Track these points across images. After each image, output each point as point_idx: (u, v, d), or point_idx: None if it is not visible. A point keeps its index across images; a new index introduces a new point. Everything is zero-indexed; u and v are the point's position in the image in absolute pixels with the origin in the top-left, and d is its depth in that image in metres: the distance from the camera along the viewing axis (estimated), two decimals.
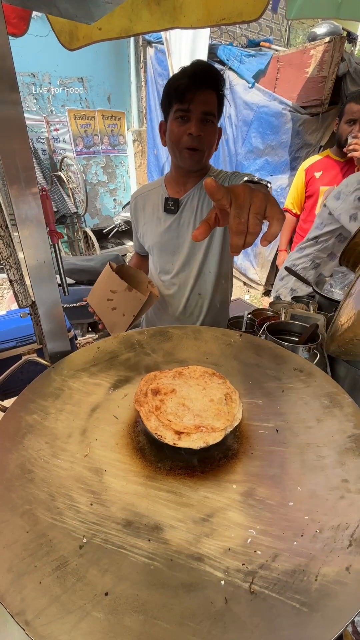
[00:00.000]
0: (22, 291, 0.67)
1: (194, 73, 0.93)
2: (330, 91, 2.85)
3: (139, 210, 1.22)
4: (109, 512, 0.47)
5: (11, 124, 0.58)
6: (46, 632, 0.32)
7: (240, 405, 0.62)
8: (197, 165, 1.04)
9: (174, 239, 1.14)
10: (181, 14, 1.13)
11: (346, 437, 0.55)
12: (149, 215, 1.18)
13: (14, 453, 0.54)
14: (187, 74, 0.93)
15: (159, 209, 1.15)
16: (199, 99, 0.93)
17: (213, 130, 1.00)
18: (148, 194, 1.19)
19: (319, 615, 0.33)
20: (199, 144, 0.97)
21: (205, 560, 0.40)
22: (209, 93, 0.95)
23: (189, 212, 1.11)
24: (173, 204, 1.10)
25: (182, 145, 0.98)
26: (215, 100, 0.97)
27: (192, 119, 0.95)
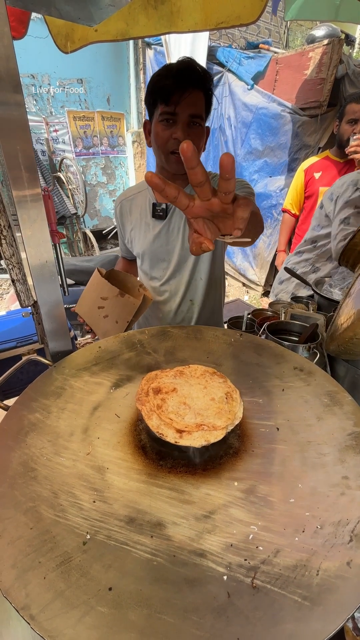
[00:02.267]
0: (25, 291, 0.67)
1: (180, 73, 0.87)
2: (328, 93, 2.87)
3: (124, 214, 1.17)
4: (111, 509, 0.47)
5: (15, 125, 0.59)
6: (51, 626, 0.33)
7: (241, 403, 0.62)
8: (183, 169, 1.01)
9: (164, 245, 1.11)
10: (178, 18, 1.13)
11: (346, 435, 0.56)
12: (136, 220, 1.14)
13: (17, 451, 0.54)
14: (173, 73, 0.87)
15: (147, 215, 1.10)
16: (185, 102, 0.88)
17: (200, 133, 0.95)
18: (133, 197, 1.14)
19: (320, 608, 0.34)
20: None
21: (207, 556, 0.41)
22: (196, 94, 0.89)
23: (178, 217, 1.07)
24: (162, 210, 1.06)
25: (168, 149, 0.94)
26: (203, 101, 0.93)
27: (179, 122, 0.90)
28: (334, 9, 2.58)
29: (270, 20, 5.40)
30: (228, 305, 2.24)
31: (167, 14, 1.14)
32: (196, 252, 0.51)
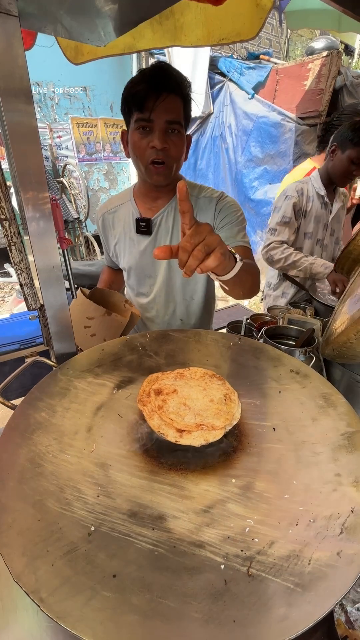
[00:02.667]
0: (32, 294, 0.70)
1: (153, 77, 0.81)
2: (327, 103, 2.94)
3: (107, 228, 1.11)
4: (114, 503, 0.49)
5: (26, 135, 0.62)
6: (59, 608, 0.35)
7: (239, 405, 0.65)
8: (164, 180, 0.93)
9: (151, 262, 1.06)
10: (182, 33, 1.18)
11: (339, 435, 0.58)
12: (120, 234, 1.08)
13: (24, 448, 0.57)
14: (146, 78, 0.81)
15: (131, 229, 1.04)
16: (161, 107, 0.81)
17: (180, 140, 0.88)
18: (116, 210, 1.08)
19: (311, 594, 0.36)
20: (165, 157, 0.87)
21: (206, 547, 0.43)
22: (172, 99, 0.83)
23: (164, 233, 1.02)
24: (145, 226, 1.00)
25: (146, 159, 0.88)
26: (181, 106, 0.86)
27: (155, 130, 0.84)
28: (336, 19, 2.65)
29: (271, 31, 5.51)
30: (227, 310, 2.27)
31: (171, 29, 1.18)
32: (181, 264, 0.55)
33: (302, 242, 1.63)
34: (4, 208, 0.60)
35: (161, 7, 0.56)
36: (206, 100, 3.70)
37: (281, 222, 1.52)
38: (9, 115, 0.57)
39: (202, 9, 1.06)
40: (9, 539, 0.42)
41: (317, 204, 1.57)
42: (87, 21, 0.61)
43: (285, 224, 1.51)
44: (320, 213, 1.59)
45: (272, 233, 1.54)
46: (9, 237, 0.63)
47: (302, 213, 1.55)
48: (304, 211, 1.55)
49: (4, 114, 0.56)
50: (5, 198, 0.60)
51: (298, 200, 1.52)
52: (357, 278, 0.88)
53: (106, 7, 0.55)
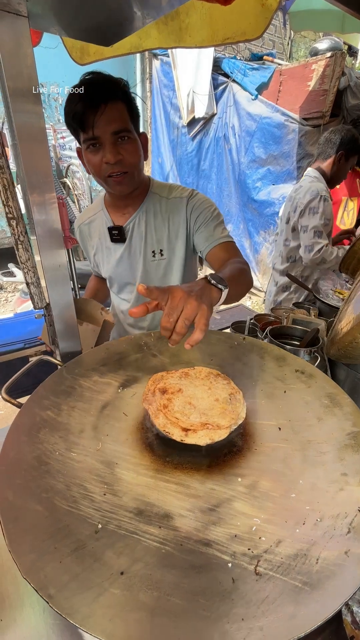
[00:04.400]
0: (38, 293, 0.71)
1: (86, 93, 0.79)
2: (331, 104, 2.93)
3: (85, 239, 1.13)
4: (121, 501, 0.49)
5: (34, 135, 0.62)
6: (68, 604, 0.35)
7: (244, 404, 0.65)
8: (127, 188, 0.92)
9: (128, 269, 1.05)
10: (187, 34, 1.18)
11: (345, 435, 0.58)
12: (97, 244, 1.09)
13: (30, 446, 0.57)
14: (81, 96, 0.79)
15: (106, 239, 1.04)
16: (102, 121, 0.79)
17: (132, 145, 0.86)
18: (90, 221, 1.09)
19: (319, 593, 0.36)
20: (121, 167, 0.86)
21: (213, 546, 0.43)
22: (112, 107, 0.80)
23: (137, 239, 1.01)
24: (118, 233, 1.00)
25: (103, 174, 0.87)
26: (123, 110, 0.83)
27: (105, 144, 0.82)
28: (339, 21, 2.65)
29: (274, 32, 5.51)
30: (231, 311, 2.27)
31: (176, 30, 1.19)
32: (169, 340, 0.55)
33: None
34: (11, 207, 0.61)
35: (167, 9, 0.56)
36: (209, 101, 3.70)
37: (324, 224, 1.52)
38: (17, 115, 0.58)
39: (208, 9, 1.07)
40: (17, 536, 0.42)
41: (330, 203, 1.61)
42: (93, 21, 0.61)
43: (327, 226, 1.54)
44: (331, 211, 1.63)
45: (318, 235, 1.52)
46: (16, 236, 0.63)
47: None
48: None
49: (13, 114, 0.56)
50: (12, 197, 0.60)
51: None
52: None
53: (112, 7, 0.55)
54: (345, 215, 2.08)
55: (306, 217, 1.55)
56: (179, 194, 0.98)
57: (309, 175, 1.61)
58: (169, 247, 1.00)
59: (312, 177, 1.60)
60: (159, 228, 0.98)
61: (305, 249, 1.57)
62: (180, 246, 0.99)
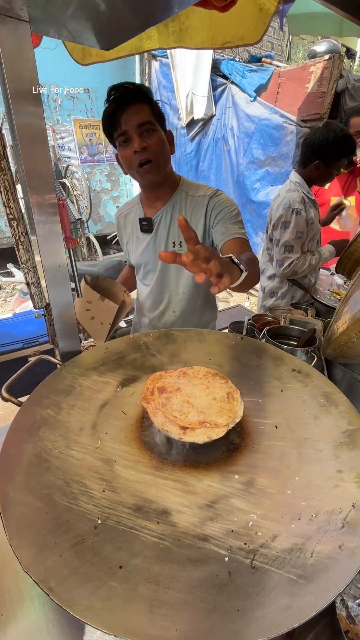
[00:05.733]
0: (38, 293, 0.71)
1: (116, 97, 0.94)
2: (329, 106, 2.95)
3: (121, 229, 1.25)
4: (120, 498, 0.50)
5: (35, 136, 0.63)
6: (68, 596, 0.36)
7: (242, 403, 0.66)
8: (155, 176, 1.03)
9: (151, 257, 1.16)
10: (187, 35, 1.19)
11: (341, 433, 0.59)
12: (130, 234, 1.21)
13: (30, 444, 0.57)
14: (110, 102, 0.95)
15: (137, 229, 1.17)
16: (128, 116, 0.93)
17: (157, 136, 0.97)
18: (127, 213, 1.22)
19: (314, 585, 0.37)
20: (148, 155, 0.96)
21: (210, 540, 0.44)
22: (136, 106, 0.94)
23: (162, 230, 1.12)
24: (147, 224, 1.12)
25: (134, 165, 0.98)
26: (147, 109, 0.96)
27: (132, 136, 0.95)
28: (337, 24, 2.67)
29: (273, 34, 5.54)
30: (229, 311, 2.28)
31: (176, 31, 1.20)
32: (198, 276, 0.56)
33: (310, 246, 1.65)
34: (12, 208, 0.62)
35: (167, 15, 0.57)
36: (208, 102, 3.71)
37: (296, 237, 1.52)
38: (18, 117, 0.58)
39: (207, 13, 1.08)
40: (18, 531, 0.43)
41: (312, 207, 1.60)
42: (93, 26, 0.62)
43: (299, 239, 1.53)
44: (315, 214, 1.62)
45: (289, 250, 1.53)
46: (16, 237, 0.64)
47: (308, 222, 1.57)
48: (308, 220, 1.56)
49: (14, 115, 0.57)
50: (13, 198, 0.61)
51: (306, 213, 1.54)
52: (359, 279, 0.89)
53: (112, 12, 0.56)
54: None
55: (278, 230, 1.56)
56: (203, 193, 1.07)
57: (291, 180, 1.60)
58: None
59: (292, 183, 1.59)
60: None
61: (277, 263, 1.59)
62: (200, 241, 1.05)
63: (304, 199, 1.54)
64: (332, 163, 1.47)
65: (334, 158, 1.45)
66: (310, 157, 1.50)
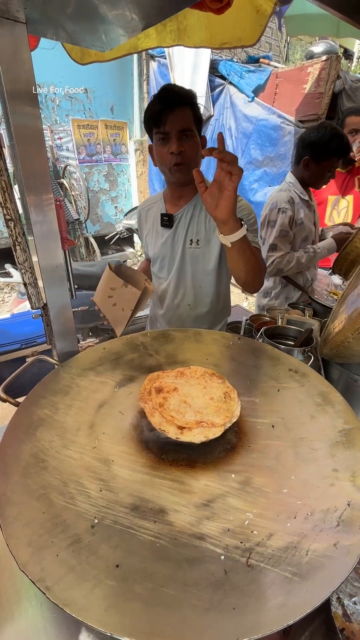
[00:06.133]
0: (35, 294, 0.71)
1: (164, 97, 1.01)
2: (326, 107, 2.96)
3: (142, 222, 1.32)
4: (117, 497, 0.50)
5: (32, 137, 0.63)
6: (65, 595, 0.36)
7: (239, 403, 0.66)
8: (185, 177, 1.10)
9: (169, 251, 1.22)
10: (185, 34, 1.20)
11: (337, 432, 0.60)
12: (150, 227, 1.27)
13: (27, 444, 0.58)
14: (159, 100, 1.01)
15: (158, 223, 1.23)
16: (173, 119, 1.00)
17: (194, 143, 1.05)
18: (150, 207, 1.28)
19: (309, 583, 0.37)
20: (183, 159, 1.04)
21: (206, 539, 0.44)
22: (182, 110, 1.01)
23: (182, 227, 1.18)
24: (167, 220, 1.19)
25: (168, 164, 1.06)
26: (191, 115, 1.03)
27: (171, 138, 1.02)
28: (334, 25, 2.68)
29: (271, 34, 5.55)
30: None
31: (174, 30, 1.21)
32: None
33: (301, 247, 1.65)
34: (9, 209, 0.62)
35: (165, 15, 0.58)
36: (206, 102, 3.72)
37: (280, 236, 1.54)
38: (15, 118, 0.59)
39: (205, 13, 1.08)
40: (15, 531, 0.43)
41: (304, 208, 1.61)
42: (90, 27, 0.62)
43: (284, 237, 1.54)
44: (309, 215, 1.63)
45: (272, 249, 1.55)
46: (14, 237, 0.64)
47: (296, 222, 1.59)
48: (297, 220, 1.58)
49: (11, 116, 0.57)
50: (10, 199, 0.61)
51: (292, 211, 1.56)
52: (355, 279, 0.90)
53: (109, 14, 0.56)
54: (335, 214, 2.10)
55: (265, 229, 1.58)
56: None
57: (286, 181, 1.63)
58: (205, 239, 1.15)
59: (287, 184, 1.61)
60: (200, 221, 1.16)
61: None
62: (215, 241, 1.14)
63: (293, 199, 1.56)
64: (321, 160, 1.48)
65: (322, 155, 1.46)
66: (301, 154, 1.52)
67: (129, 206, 5.12)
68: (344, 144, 1.44)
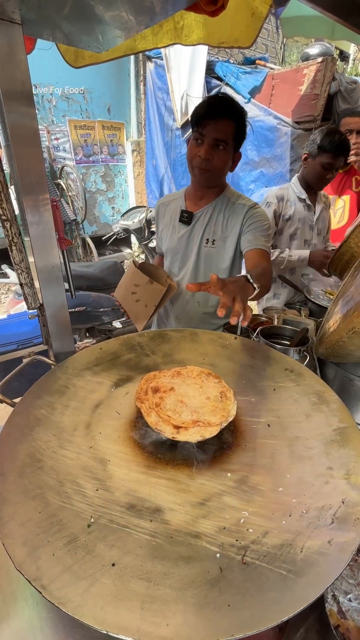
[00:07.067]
0: (32, 294, 0.71)
1: (212, 104, 1.05)
2: (322, 108, 2.98)
3: (160, 216, 1.35)
4: (113, 496, 0.51)
5: (28, 137, 0.63)
6: (61, 594, 0.36)
7: (235, 402, 0.66)
8: (206, 183, 1.16)
9: (184, 247, 1.26)
10: (182, 34, 1.21)
11: (332, 430, 0.60)
12: (167, 222, 1.31)
13: (24, 444, 0.58)
14: (207, 104, 1.05)
15: (176, 218, 1.27)
16: (212, 127, 1.04)
17: (225, 154, 1.09)
18: (169, 203, 1.32)
19: (303, 580, 0.38)
20: (207, 165, 1.08)
21: (202, 537, 0.45)
22: (224, 122, 1.04)
23: (200, 226, 1.22)
24: (187, 217, 1.22)
25: (194, 164, 1.11)
26: (231, 129, 1.06)
27: (205, 143, 1.06)
28: (329, 27, 2.70)
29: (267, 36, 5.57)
30: None
31: (171, 30, 1.21)
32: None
33: (289, 244, 1.71)
34: (5, 209, 0.62)
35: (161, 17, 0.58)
36: None
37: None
38: (11, 118, 0.59)
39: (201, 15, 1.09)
40: (11, 530, 0.43)
41: (299, 207, 1.66)
42: (87, 28, 0.62)
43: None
44: (304, 215, 1.67)
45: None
46: (10, 238, 0.64)
47: (283, 217, 1.64)
48: (283, 215, 1.64)
49: (7, 117, 0.58)
50: (6, 199, 0.61)
51: (277, 206, 1.62)
52: (350, 279, 0.90)
53: (105, 14, 0.57)
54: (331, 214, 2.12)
55: None
56: (243, 202, 1.20)
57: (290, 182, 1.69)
58: (221, 240, 1.20)
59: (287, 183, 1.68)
60: (218, 222, 1.20)
61: None
62: (230, 243, 1.19)
63: (284, 196, 1.62)
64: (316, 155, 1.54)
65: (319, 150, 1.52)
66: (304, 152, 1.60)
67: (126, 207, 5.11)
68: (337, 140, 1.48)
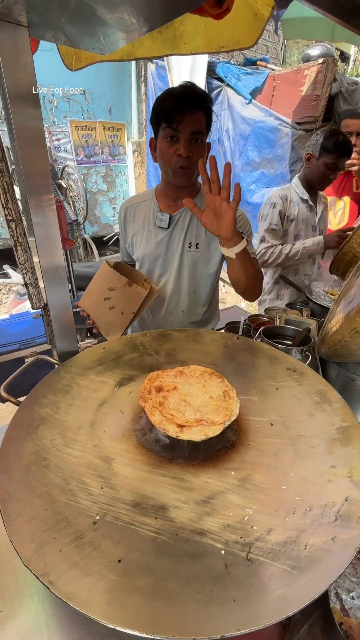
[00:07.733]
0: (36, 294, 0.72)
1: (181, 96, 0.95)
2: (323, 109, 2.98)
3: (128, 221, 1.23)
4: (118, 494, 0.51)
5: (33, 138, 0.64)
6: (68, 589, 0.37)
7: (238, 401, 0.67)
8: (187, 182, 1.07)
9: (164, 253, 1.16)
10: (181, 41, 1.21)
11: (334, 429, 0.61)
12: (139, 226, 1.19)
13: (29, 442, 0.58)
14: (175, 97, 0.95)
15: (150, 222, 1.16)
16: (187, 121, 0.95)
17: (202, 148, 1.02)
18: (138, 205, 1.21)
19: (307, 576, 0.38)
20: (189, 163, 1.01)
21: (206, 535, 0.45)
22: (196, 113, 0.96)
23: (180, 229, 1.14)
24: (165, 220, 1.13)
25: (172, 164, 1.01)
26: (204, 119, 0.99)
27: (181, 139, 0.97)
28: (329, 29, 2.71)
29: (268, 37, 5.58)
30: (226, 312, 2.29)
31: (170, 37, 1.21)
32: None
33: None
34: (11, 209, 0.62)
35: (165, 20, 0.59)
36: None
37: (269, 229, 1.60)
38: (17, 119, 0.59)
39: (202, 18, 1.09)
40: (18, 527, 0.43)
41: (302, 207, 1.66)
42: (89, 30, 0.63)
43: (273, 231, 1.60)
44: (307, 215, 1.68)
45: (261, 240, 1.62)
46: (15, 238, 0.65)
47: (287, 218, 1.64)
48: (288, 216, 1.64)
49: (13, 117, 0.58)
50: (12, 200, 0.62)
51: (283, 206, 1.62)
52: (352, 279, 0.91)
53: (108, 17, 0.57)
54: (331, 215, 2.12)
55: (259, 223, 1.66)
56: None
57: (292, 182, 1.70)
58: (205, 243, 1.13)
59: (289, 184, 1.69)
60: (200, 225, 1.10)
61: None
62: (215, 247, 1.12)
63: (287, 196, 1.62)
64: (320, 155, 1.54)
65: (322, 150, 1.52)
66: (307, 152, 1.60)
67: None
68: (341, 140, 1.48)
